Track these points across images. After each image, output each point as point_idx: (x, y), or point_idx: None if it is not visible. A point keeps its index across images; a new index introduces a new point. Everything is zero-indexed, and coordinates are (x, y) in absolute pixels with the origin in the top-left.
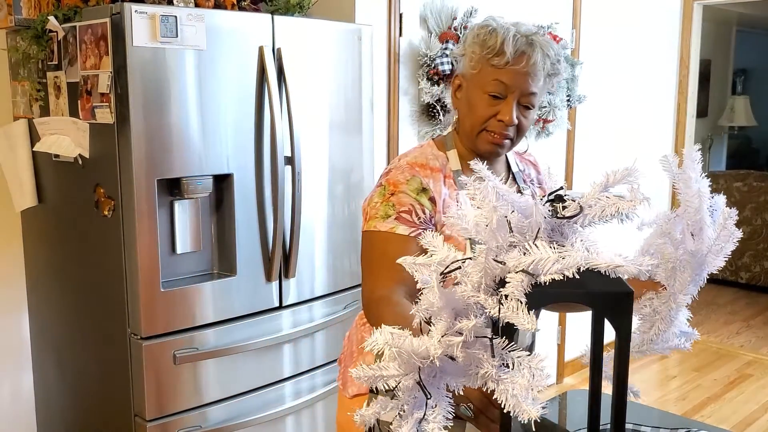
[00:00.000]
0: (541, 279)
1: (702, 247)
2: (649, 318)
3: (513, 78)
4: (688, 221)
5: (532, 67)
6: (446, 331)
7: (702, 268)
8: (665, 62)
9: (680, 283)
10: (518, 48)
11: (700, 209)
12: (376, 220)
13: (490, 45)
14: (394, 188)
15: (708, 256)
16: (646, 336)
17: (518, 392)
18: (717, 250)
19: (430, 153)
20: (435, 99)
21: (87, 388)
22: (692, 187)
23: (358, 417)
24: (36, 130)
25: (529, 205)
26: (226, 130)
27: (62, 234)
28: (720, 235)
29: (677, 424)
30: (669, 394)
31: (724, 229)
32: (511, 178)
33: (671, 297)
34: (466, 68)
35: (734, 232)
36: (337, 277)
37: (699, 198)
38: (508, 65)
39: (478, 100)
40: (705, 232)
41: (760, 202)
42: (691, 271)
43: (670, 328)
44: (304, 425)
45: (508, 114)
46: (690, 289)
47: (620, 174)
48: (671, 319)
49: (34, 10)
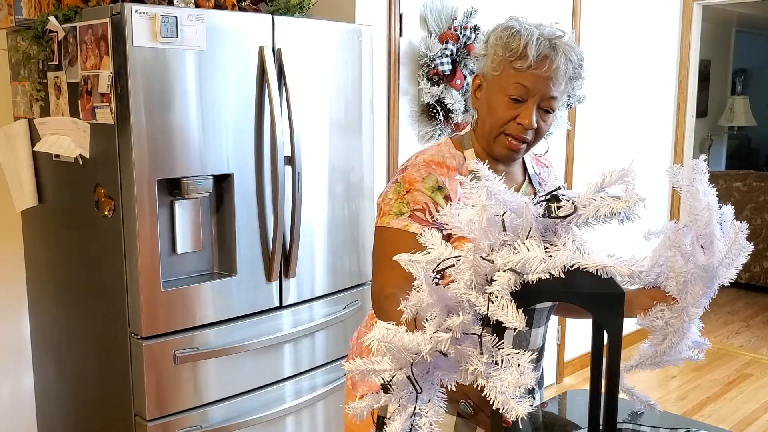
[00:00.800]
0: (528, 278)
1: (713, 260)
2: (662, 331)
3: (534, 82)
4: (697, 234)
5: (555, 72)
6: (438, 328)
7: (713, 281)
8: (665, 62)
9: (692, 296)
10: (541, 51)
11: (710, 223)
12: (390, 216)
13: (512, 48)
14: (409, 186)
15: (719, 269)
16: (659, 348)
17: (506, 389)
18: (728, 263)
19: (447, 151)
20: (435, 99)
21: (87, 388)
22: (701, 200)
23: (350, 409)
24: (36, 130)
25: (521, 205)
26: (227, 130)
27: (62, 234)
28: (731, 249)
29: (677, 424)
30: (669, 394)
31: (736, 243)
32: (528, 181)
33: (684, 310)
34: (488, 69)
35: (745, 246)
36: (337, 277)
37: (708, 212)
38: (530, 69)
39: (498, 103)
40: (715, 245)
41: (759, 202)
42: (702, 285)
43: (683, 340)
44: (304, 425)
45: (528, 117)
46: (702, 301)
47: (616, 174)
48: (684, 332)
49: (35, 11)
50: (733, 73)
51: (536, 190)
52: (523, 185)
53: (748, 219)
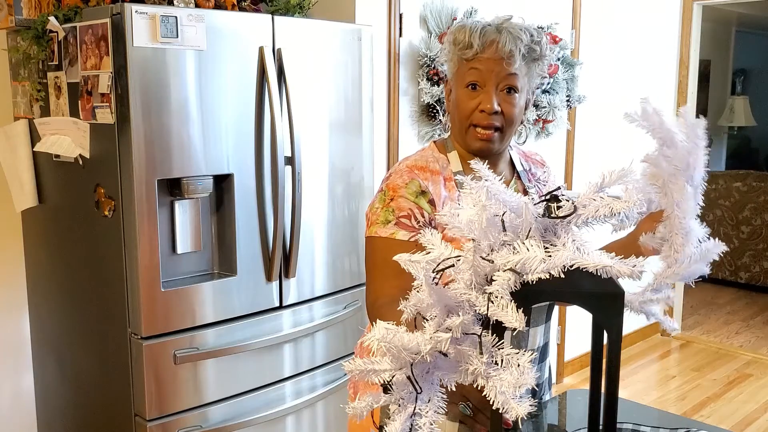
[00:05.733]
0: (527, 278)
1: (678, 150)
2: (667, 240)
3: (485, 65)
4: (657, 140)
5: (503, 51)
6: (438, 328)
7: (689, 169)
8: (665, 62)
9: (677, 190)
10: (486, 38)
11: (662, 123)
12: (377, 225)
13: (460, 41)
14: (393, 193)
15: (690, 156)
16: (669, 258)
17: (506, 389)
18: (693, 147)
19: (430, 156)
20: (435, 99)
21: (87, 388)
22: (648, 110)
23: (350, 409)
24: (36, 130)
25: (521, 205)
26: (227, 130)
27: (62, 234)
28: (689, 134)
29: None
30: (669, 394)
31: (689, 124)
32: (516, 177)
33: (677, 205)
34: (449, 70)
35: (699, 122)
36: (337, 277)
37: (656, 114)
38: (479, 54)
39: (460, 95)
40: (675, 137)
41: (759, 202)
42: (681, 178)
43: (689, 241)
44: (304, 425)
45: (489, 102)
46: (690, 193)
47: (616, 174)
48: (687, 230)
49: (35, 11)
50: (733, 73)
51: (525, 186)
52: (511, 182)
53: (748, 219)
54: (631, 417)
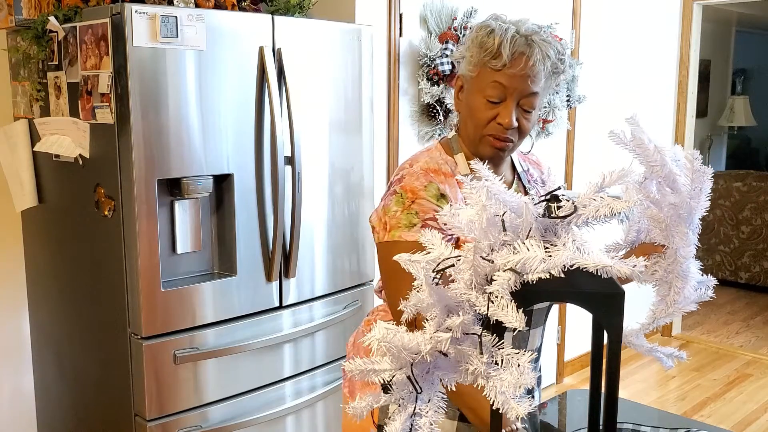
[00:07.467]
0: (528, 278)
1: (682, 196)
2: (665, 280)
3: (511, 80)
4: (659, 179)
5: (531, 69)
6: (438, 328)
7: (691, 215)
8: (665, 62)
9: (679, 236)
10: (516, 49)
11: (664, 164)
12: (400, 229)
13: (488, 47)
14: (413, 195)
15: (691, 202)
16: (668, 298)
17: (506, 389)
18: (696, 193)
19: (439, 158)
20: (435, 99)
21: (87, 388)
22: (648, 147)
23: (350, 409)
24: (36, 130)
25: (521, 205)
26: (227, 130)
27: (62, 234)
28: (693, 178)
29: (677, 424)
30: (669, 394)
31: (695, 171)
32: (517, 179)
33: (677, 252)
34: (466, 70)
35: (705, 171)
36: (337, 277)
37: (658, 153)
38: (506, 68)
39: (477, 104)
40: (678, 181)
41: (759, 202)
42: (683, 222)
43: (687, 282)
44: (304, 425)
45: (508, 117)
46: (690, 238)
47: (616, 174)
48: (686, 273)
49: (35, 11)
50: (733, 73)
51: (525, 187)
52: (513, 184)
53: (748, 219)
54: (631, 417)
